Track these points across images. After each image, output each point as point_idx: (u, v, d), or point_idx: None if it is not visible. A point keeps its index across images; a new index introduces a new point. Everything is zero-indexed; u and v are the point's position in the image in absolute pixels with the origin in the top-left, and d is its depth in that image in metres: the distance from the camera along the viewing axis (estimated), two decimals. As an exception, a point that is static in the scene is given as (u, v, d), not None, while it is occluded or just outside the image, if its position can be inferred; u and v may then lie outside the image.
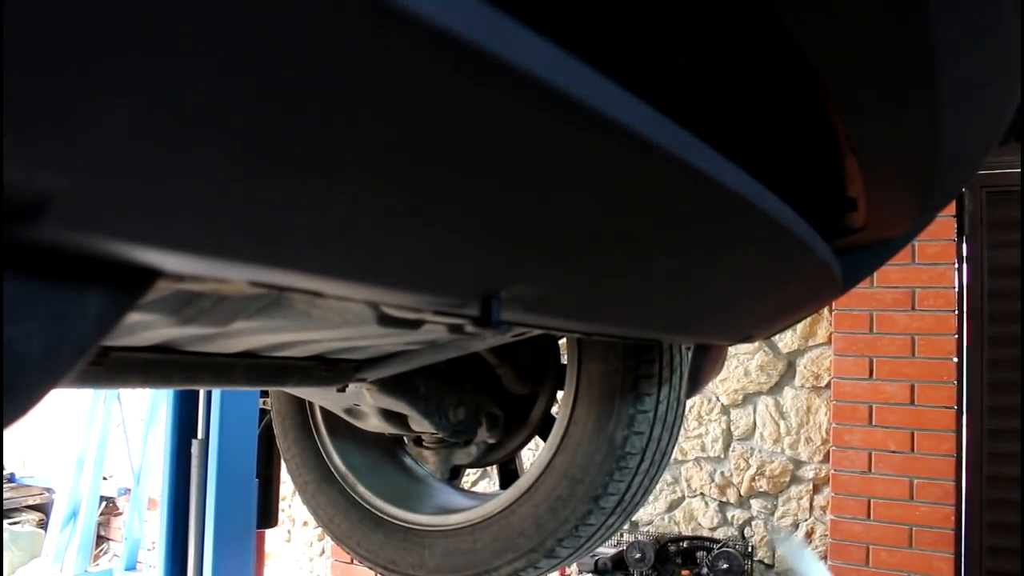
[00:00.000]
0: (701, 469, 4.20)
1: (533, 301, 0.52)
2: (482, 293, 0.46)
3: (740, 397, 4.12)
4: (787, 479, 4.01)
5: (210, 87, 0.23)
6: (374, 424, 1.70)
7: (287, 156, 0.28)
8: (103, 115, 0.22)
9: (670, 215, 0.48)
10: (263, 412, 2.56)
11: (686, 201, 0.46)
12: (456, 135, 0.31)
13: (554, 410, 1.60)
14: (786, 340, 4.01)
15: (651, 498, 3.96)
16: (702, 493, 4.20)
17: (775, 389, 4.05)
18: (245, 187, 0.29)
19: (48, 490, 6.07)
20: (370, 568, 1.84)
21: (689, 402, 1.63)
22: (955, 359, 3.52)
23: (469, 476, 4.48)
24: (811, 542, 3.94)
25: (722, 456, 4.16)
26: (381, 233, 0.38)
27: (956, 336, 3.53)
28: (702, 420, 4.20)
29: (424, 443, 1.93)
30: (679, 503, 4.25)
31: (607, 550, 3.90)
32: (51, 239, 0.27)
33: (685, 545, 4.00)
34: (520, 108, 0.30)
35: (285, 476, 2.21)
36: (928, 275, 3.56)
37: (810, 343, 3.98)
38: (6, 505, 5.84)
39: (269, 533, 3.65)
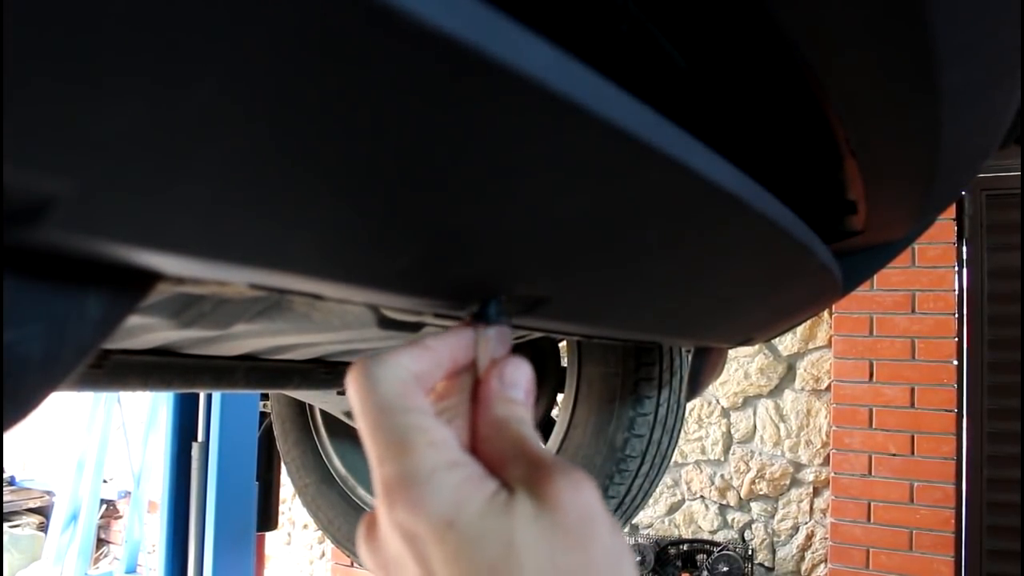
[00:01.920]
0: (701, 472, 4.20)
1: (533, 304, 0.52)
2: (482, 296, 0.46)
3: (740, 400, 4.12)
4: (787, 482, 4.01)
5: (210, 90, 0.23)
6: (374, 427, 1.70)
7: (287, 159, 0.28)
8: (104, 117, 0.22)
9: (670, 217, 0.48)
10: (263, 415, 2.56)
11: (686, 203, 0.46)
12: (456, 138, 0.31)
13: (554, 413, 1.61)
14: (786, 343, 4.01)
15: (651, 501, 3.96)
16: (702, 496, 4.20)
17: (775, 392, 4.05)
18: (245, 189, 0.29)
19: (48, 493, 6.06)
20: (370, 571, 1.84)
21: (689, 405, 1.64)
22: (955, 362, 3.52)
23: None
24: (811, 545, 3.93)
25: (722, 459, 4.16)
26: (381, 236, 0.38)
27: (956, 339, 3.54)
28: (702, 423, 4.20)
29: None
30: (679, 506, 4.25)
31: (607, 553, 3.89)
32: (51, 241, 0.27)
33: (685, 548, 4.01)
34: (520, 111, 0.30)
35: (285, 479, 2.21)
36: (928, 278, 3.56)
37: (810, 346, 3.98)
38: (6, 508, 5.83)
39: (269, 536, 3.64)
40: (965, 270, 3.60)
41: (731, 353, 3.74)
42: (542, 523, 0.35)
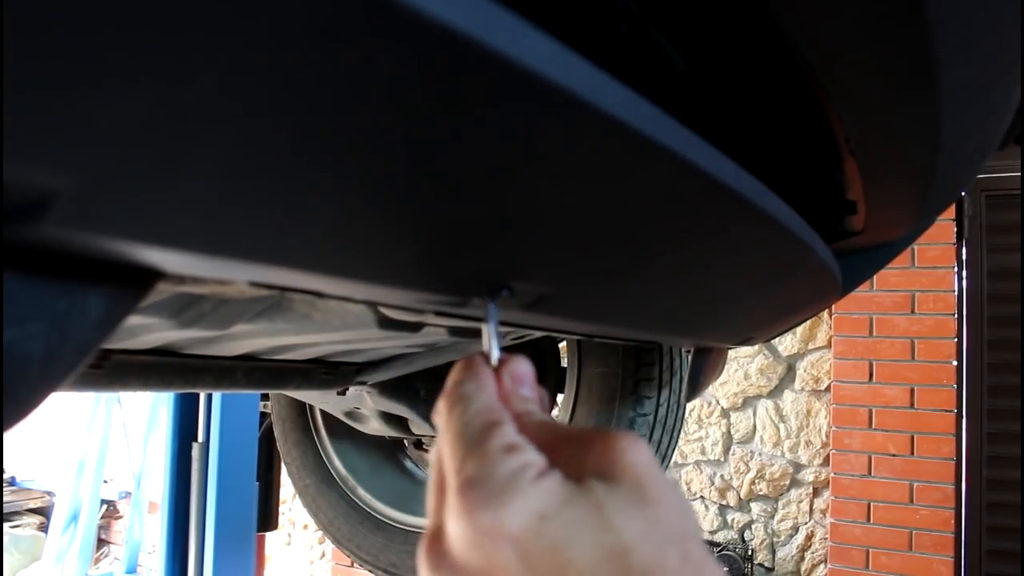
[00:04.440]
0: (701, 472, 4.20)
1: (534, 301, 0.52)
2: (482, 291, 0.46)
3: (740, 400, 4.11)
4: (787, 482, 4.01)
5: (211, 84, 0.23)
6: (374, 427, 1.70)
7: (288, 154, 0.28)
8: (105, 113, 0.22)
9: (672, 214, 0.48)
10: (263, 415, 2.56)
11: (688, 200, 0.46)
12: (457, 133, 0.31)
13: (554, 413, 1.60)
14: (786, 343, 4.01)
15: (651, 501, 3.95)
16: (702, 496, 4.20)
17: (775, 392, 4.05)
18: (246, 185, 0.29)
19: (49, 493, 6.06)
20: (371, 572, 1.84)
21: (689, 405, 1.64)
22: (955, 363, 3.52)
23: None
24: (811, 545, 3.93)
25: (722, 459, 4.16)
26: (382, 230, 0.38)
27: (956, 340, 3.53)
28: (702, 423, 4.20)
29: (424, 446, 1.93)
30: (679, 506, 4.24)
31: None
32: (52, 238, 0.27)
33: (685, 548, 3.99)
34: (521, 105, 0.30)
35: (285, 479, 2.21)
36: (928, 279, 3.56)
37: (810, 346, 3.98)
38: (7, 508, 5.83)
39: (269, 536, 3.64)
40: (965, 271, 3.60)
41: (731, 354, 3.74)
42: (618, 491, 0.36)
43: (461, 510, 0.37)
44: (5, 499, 5.86)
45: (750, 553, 3.91)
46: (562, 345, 1.72)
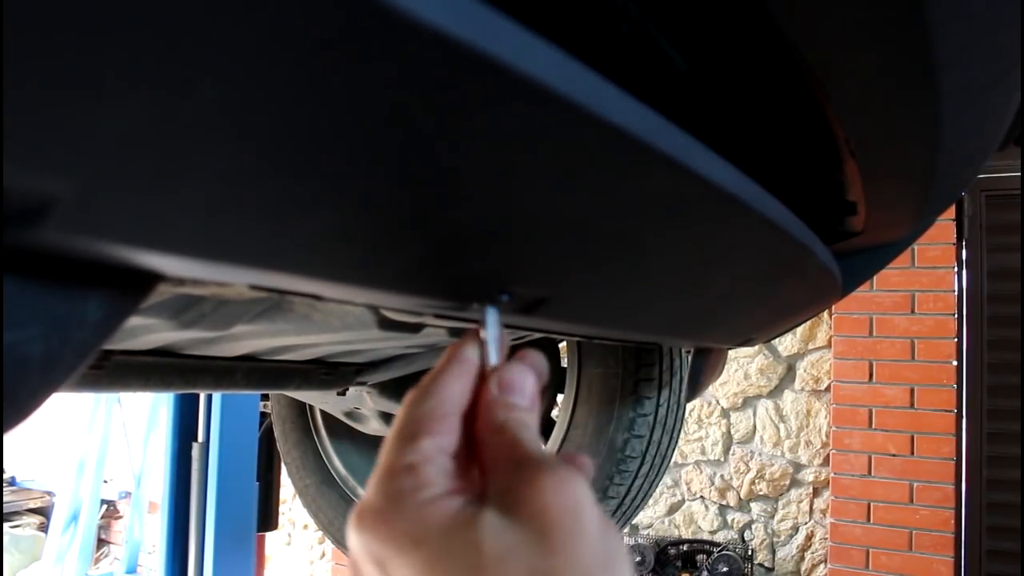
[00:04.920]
0: (701, 472, 4.20)
1: (533, 304, 0.52)
2: (482, 295, 0.46)
3: (740, 400, 4.11)
4: (787, 482, 4.01)
5: (210, 90, 0.23)
6: (374, 427, 1.70)
7: (287, 160, 0.28)
8: (104, 118, 0.22)
9: (671, 218, 0.48)
10: (263, 415, 2.56)
11: (687, 203, 0.46)
12: (456, 138, 0.31)
13: (554, 414, 1.60)
14: (786, 343, 4.01)
15: (651, 501, 3.96)
16: (702, 496, 4.20)
17: (775, 392, 4.05)
18: (245, 190, 0.29)
19: (49, 493, 6.06)
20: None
21: (689, 406, 1.64)
22: (955, 362, 3.52)
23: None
24: (811, 545, 3.93)
25: (722, 459, 4.16)
26: (382, 236, 0.38)
27: (956, 340, 3.53)
28: (702, 423, 4.20)
29: (424, 446, 1.93)
30: (679, 506, 4.25)
31: (607, 553, 3.89)
32: (52, 243, 0.27)
33: (685, 548, 4.00)
34: (520, 111, 0.30)
35: (286, 479, 2.21)
36: (928, 279, 3.56)
37: (810, 346, 3.98)
38: (7, 508, 5.83)
39: (269, 536, 3.64)
40: (965, 271, 3.60)
41: (731, 354, 3.74)
42: (514, 532, 0.34)
43: (350, 527, 0.37)
44: (5, 499, 5.86)
45: (750, 553, 3.91)
46: (562, 345, 1.72)
